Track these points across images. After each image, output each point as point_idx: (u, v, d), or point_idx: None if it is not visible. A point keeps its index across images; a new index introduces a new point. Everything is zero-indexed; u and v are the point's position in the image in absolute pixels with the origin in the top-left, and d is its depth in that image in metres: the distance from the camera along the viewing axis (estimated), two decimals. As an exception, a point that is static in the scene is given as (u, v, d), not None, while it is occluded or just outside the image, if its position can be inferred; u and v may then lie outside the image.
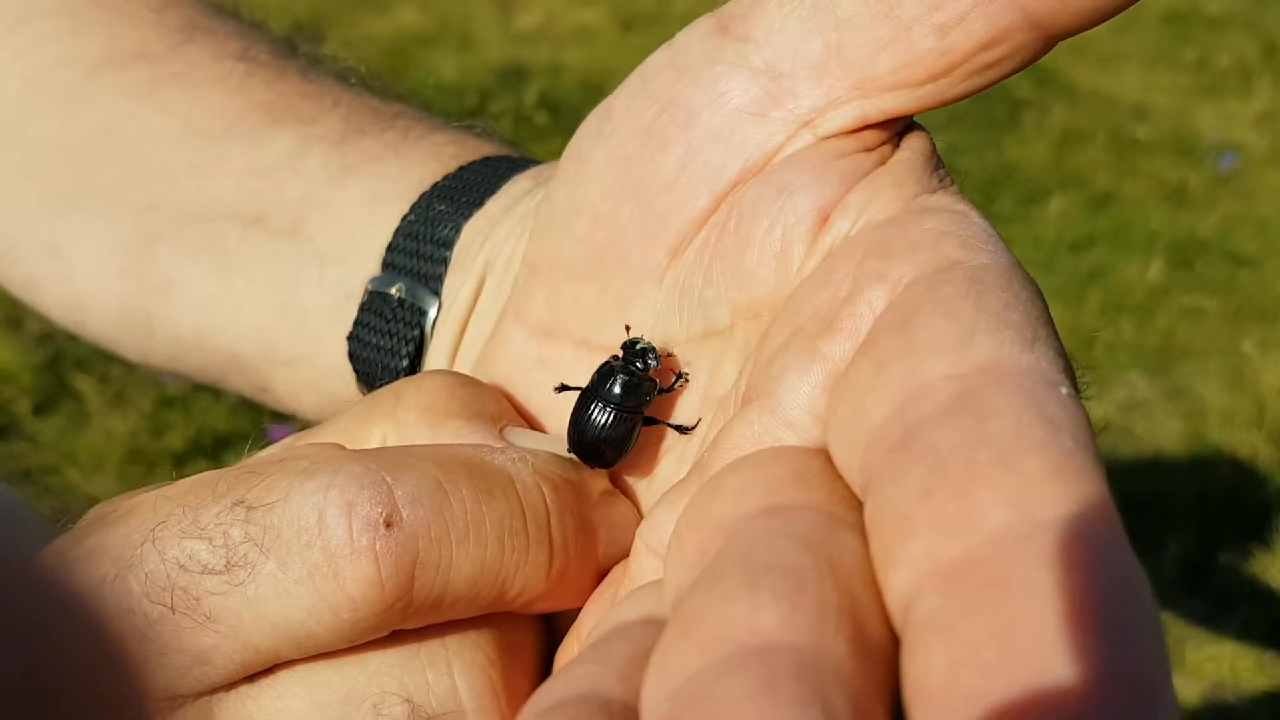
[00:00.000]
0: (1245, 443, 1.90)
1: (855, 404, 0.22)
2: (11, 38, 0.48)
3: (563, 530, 0.28)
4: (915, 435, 0.20)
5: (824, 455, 0.23)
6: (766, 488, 0.22)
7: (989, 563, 0.18)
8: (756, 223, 0.28)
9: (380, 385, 0.39)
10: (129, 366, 1.86)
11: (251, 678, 0.27)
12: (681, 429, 0.31)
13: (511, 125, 2.39)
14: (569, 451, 0.31)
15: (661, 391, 0.31)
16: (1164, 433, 1.90)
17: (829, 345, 0.25)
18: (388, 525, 0.26)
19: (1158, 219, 2.43)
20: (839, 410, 0.23)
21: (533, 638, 0.30)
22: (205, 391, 1.81)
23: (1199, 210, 2.47)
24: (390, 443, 0.30)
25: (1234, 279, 2.28)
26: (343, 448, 0.29)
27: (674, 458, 0.31)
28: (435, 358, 0.38)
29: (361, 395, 0.41)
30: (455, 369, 0.38)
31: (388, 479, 0.27)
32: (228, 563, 0.26)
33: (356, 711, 0.27)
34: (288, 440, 0.32)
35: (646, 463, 0.32)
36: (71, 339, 1.90)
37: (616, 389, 0.30)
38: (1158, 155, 2.64)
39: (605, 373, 0.31)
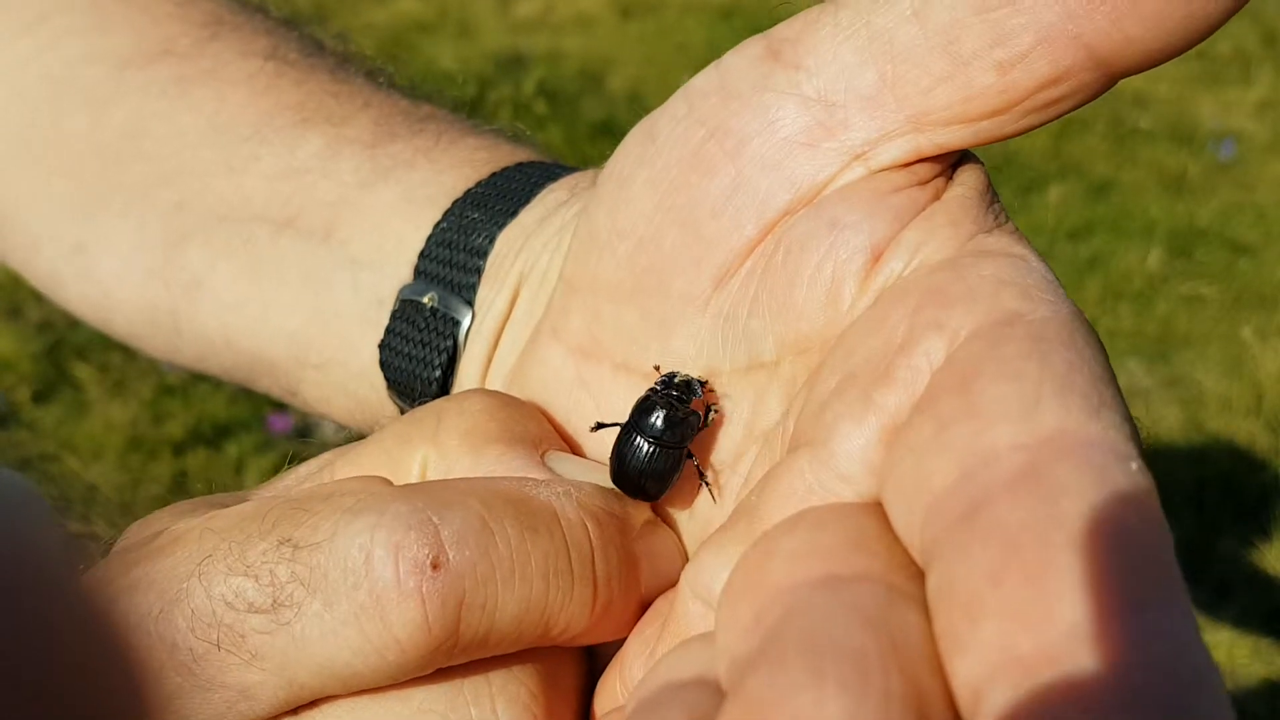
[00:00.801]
0: (1243, 430, 1.90)
1: (915, 466, 0.22)
2: (32, 33, 0.48)
3: (607, 565, 0.28)
4: (981, 509, 0.19)
5: (880, 514, 0.23)
6: (824, 553, 0.22)
7: (1066, 658, 0.17)
8: (806, 257, 0.28)
9: (413, 394, 0.39)
10: (129, 354, 1.86)
11: (295, 710, 0.27)
12: (707, 481, 0.30)
13: (510, 113, 2.39)
14: (611, 483, 0.31)
15: (703, 426, 0.30)
16: (1162, 420, 1.90)
17: (884, 396, 0.24)
18: (434, 567, 0.26)
19: (1157, 207, 2.43)
20: (897, 470, 0.22)
21: (574, 669, 0.30)
22: (205, 380, 1.81)
23: (1198, 198, 2.47)
24: (432, 466, 0.30)
25: (1233, 267, 2.27)
26: (387, 481, 0.29)
27: (717, 483, 0.31)
28: (468, 368, 0.38)
29: (392, 402, 0.41)
30: (488, 380, 0.37)
31: (434, 519, 0.26)
32: (274, 601, 0.26)
33: None
34: (328, 457, 0.32)
35: (688, 493, 0.31)
36: (72, 327, 1.90)
37: (659, 423, 0.30)
38: (1157, 143, 2.64)
39: (646, 407, 0.30)
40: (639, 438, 0.30)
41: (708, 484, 0.30)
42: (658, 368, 0.31)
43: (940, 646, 0.19)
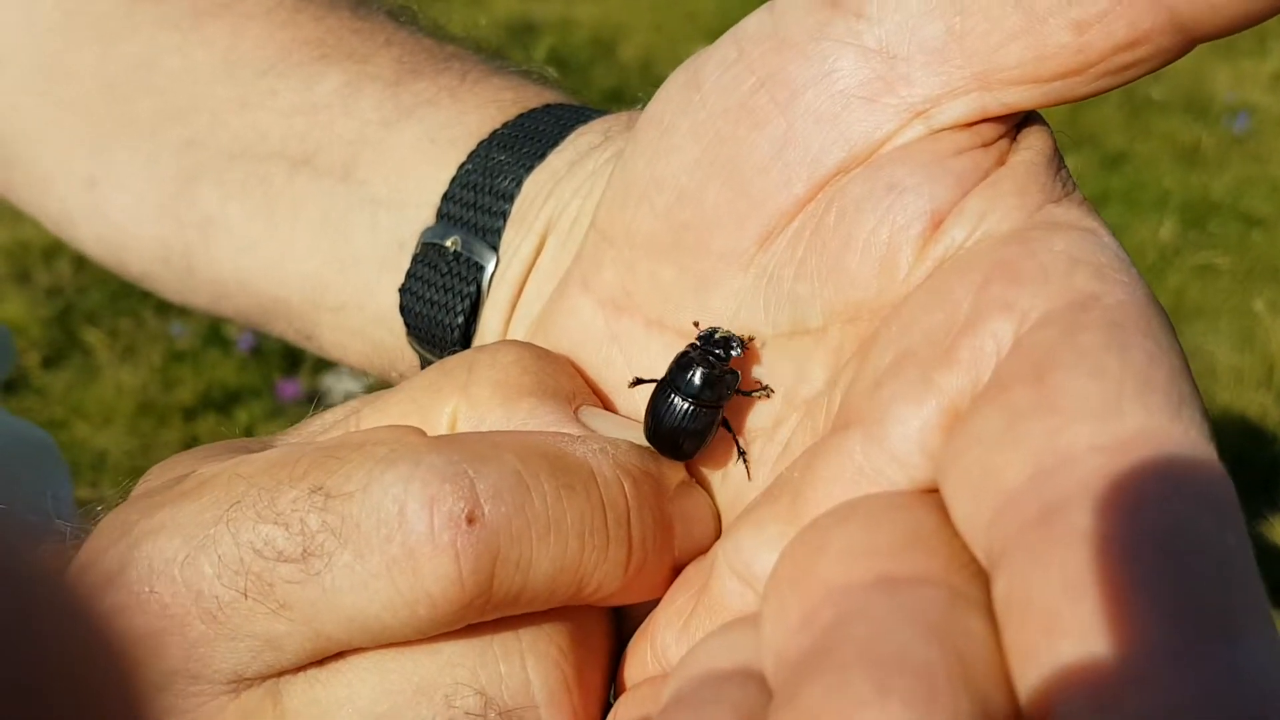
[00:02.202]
0: (1255, 403, 1.89)
1: (983, 458, 0.21)
2: None
3: (642, 526, 0.28)
4: (1058, 514, 0.19)
5: (937, 506, 0.22)
6: (880, 551, 0.21)
7: (1150, 685, 0.16)
8: (860, 221, 0.27)
9: (434, 340, 0.38)
10: (139, 320, 1.86)
11: (320, 661, 0.27)
12: (743, 451, 0.30)
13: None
14: (646, 441, 0.30)
15: (741, 393, 0.29)
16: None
17: (945, 377, 0.23)
18: (470, 521, 0.25)
19: (1171, 179, 2.41)
20: (962, 460, 0.21)
21: (604, 629, 0.29)
22: (214, 345, 1.81)
23: (1212, 170, 2.45)
24: (462, 417, 0.30)
25: (1246, 239, 2.26)
26: (420, 431, 0.28)
27: (752, 451, 0.30)
28: (491, 315, 0.37)
29: (412, 349, 0.40)
30: (512, 329, 0.37)
31: (470, 472, 0.26)
32: (304, 551, 0.25)
33: (428, 702, 0.26)
34: (354, 405, 0.31)
35: (723, 454, 0.31)
36: (80, 292, 1.90)
37: (697, 380, 0.29)
38: (1171, 115, 2.62)
39: (685, 364, 0.29)
40: (675, 395, 0.29)
41: (743, 453, 0.30)
42: (696, 324, 0.30)
43: (1009, 659, 0.18)
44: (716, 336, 0.29)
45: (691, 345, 0.29)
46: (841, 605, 0.20)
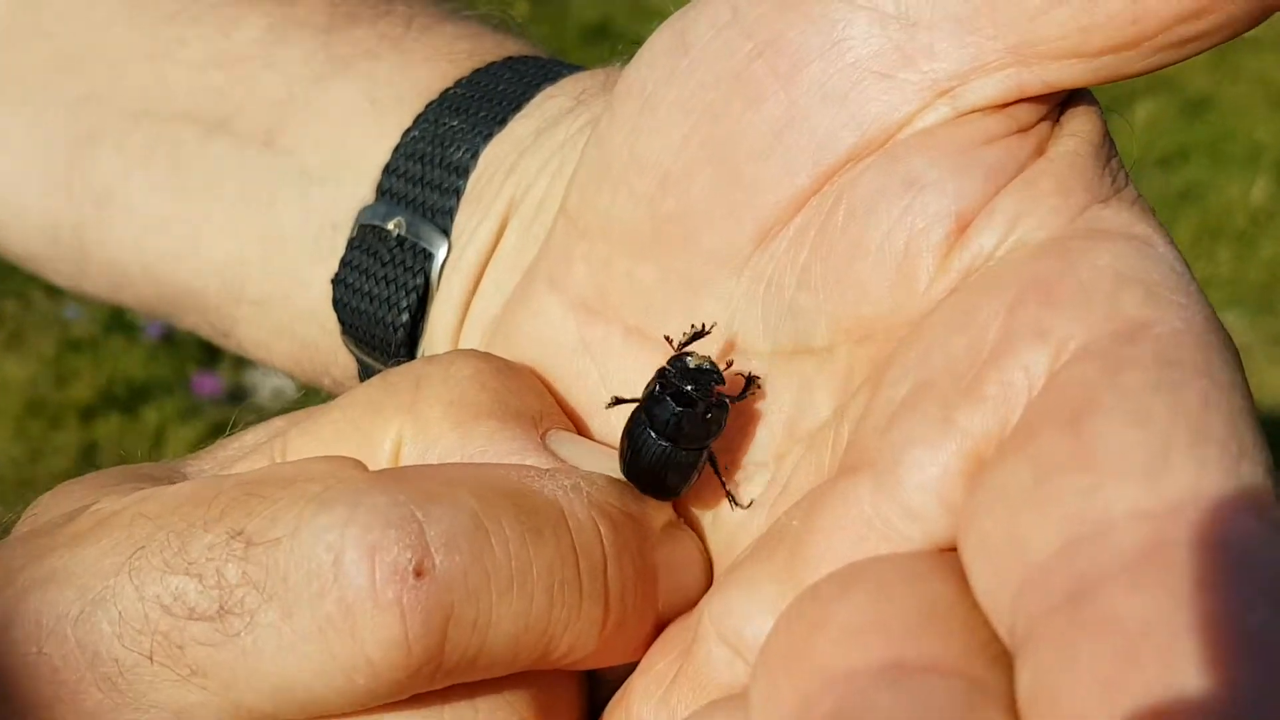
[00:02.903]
0: (1363, 399, 1.89)
1: (1008, 521, 0.21)
2: None
3: (621, 578, 0.28)
4: (1092, 595, 0.19)
5: (955, 571, 0.22)
6: (888, 630, 0.21)
7: None
8: (874, 221, 0.27)
9: (373, 341, 0.38)
10: (26, 301, 1.85)
11: None
12: (731, 495, 0.30)
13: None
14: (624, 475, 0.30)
15: (724, 407, 0.29)
16: (1267, 383, 1.90)
17: (969, 417, 0.23)
18: (418, 574, 0.25)
19: (1264, 129, 2.41)
20: (984, 520, 0.22)
21: (574, 696, 0.30)
22: (117, 332, 1.81)
23: (1314, 118, 2.46)
24: (408, 443, 0.30)
25: (1354, 202, 2.27)
26: (359, 464, 0.28)
27: (748, 489, 0.30)
28: (441, 313, 0.37)
29: (348, 350, 0.40)
30: (466, 331, 0.37)
31: (418, 515, 0.26)
32: (221, 607, 0.25)
33: None
34: (278, 424, 0.31)
35: (715, 490, 0.31)
36: (-44, 269, 1.89)
37: (672, 422, 0.29)
38: (1264, 53, 2.61)
39: (657, 398, 0.29)
40: (651, 432, 0.29)
41: (731, 497, 0.30)
42: (669, 338, 0.30)
43: None
44: (690, 367, 0.29)
45: (663, 372, 0.29)
46: (842, 696, 0.20)
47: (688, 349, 0.29)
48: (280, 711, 0.26)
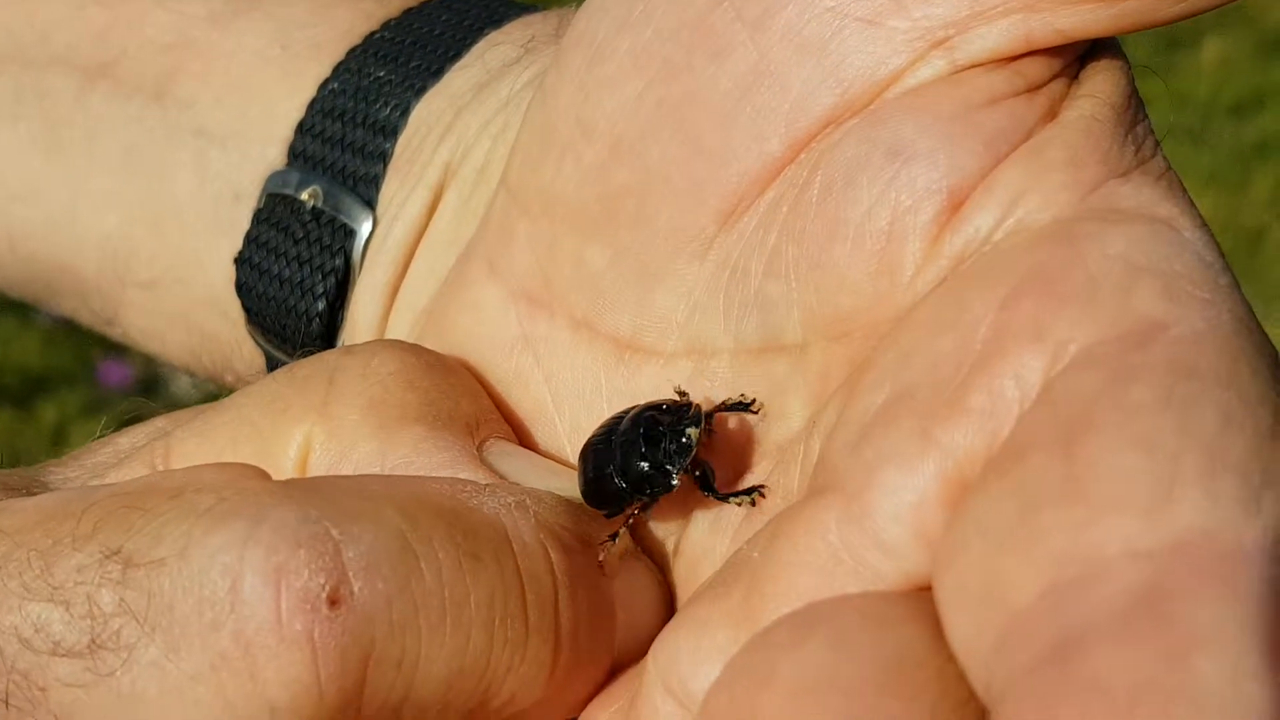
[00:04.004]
0: None
1: (987, 559, 0.21)
2: None
3: (573, 612, 0.28)
4: (1078, 653, 0.19)
5: (928, 618, 0.22)
6: (845, 687, 0.21)
7: None
8: (853, 196, 0.27)
9: (283, 332, 0.39)
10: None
11: None
12: (713, 492, 0.30)
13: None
14: (582, 495, 0.30)
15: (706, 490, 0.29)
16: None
17: (950, 432, 0.23)
18: (332, 603, 0.25)
19: (1355, 70, 2.42)
20: (961, 557, 0.22)
21: None
22: (8, 314, 1.80)
23: None
24: (318, 450, 0.29)
25: None
26: (262, 474, 0.28)
27: (708, 515, 0.30)
28: (364, 301, 0.37)
29: (254, 341, 0.40)
30: (393, 322, 0.37)
31: (334, 533, 0.25)
32: (92, 641, 0.25)
33: None
34: (161, 424, 0.31)
35: (677, 509, 0.31)
36: None
37: (641, 468, 0.29)
38: (1356, -21, 2.63)
39: (630, 442, 0.29)
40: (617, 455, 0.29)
41: (731, 496, 0.30)
42: (681, 392, 0.30)
43: None
44: (681, 420, 0.29)
45: (652, 416, 0.29)
46: None
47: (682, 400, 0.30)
48: None
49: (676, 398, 0.30)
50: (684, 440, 0.29)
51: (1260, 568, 0.19)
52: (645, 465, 0.29)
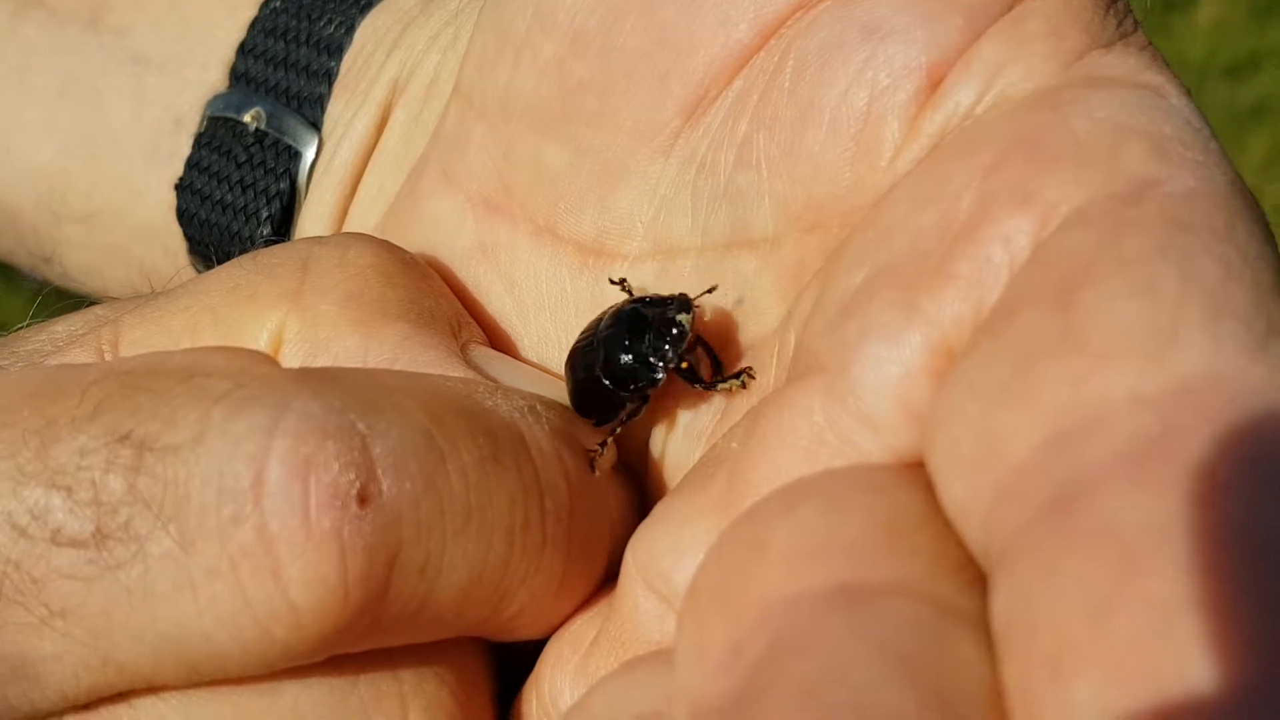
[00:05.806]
0: None
1: (982, 420, 0.20)
2: None
3: (587, 524, 0.27)
4: (1082, 499, 0.18)
5: (922, 485, 0.22)
6: (840, 549, 0.20)
7: None
8: (827, 78, 0.27)
9: (228, 260, 0.37)
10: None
11: (89, 705, 0.25)
12: (700, 382, 0.29)
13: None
14: (570, 402, 0.30)
15: (691, 380, 0.29)
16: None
17: (937, 302, 0.23)
18: (362, 501, 0.24)
19: (1350, 32, 2.42)
20: (953, 420, 0.21)
21: (488, 672, 0.29)
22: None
23: None
24: (292, 340, 0.28)
25: None
26: (272, 360, 0.27)
27: (680, 423, 0.30)
28: (310, 223, 0.37)
29: (195, 270, 0.39)
30: None
31: (361, 427, 0.24)
32: (98, 529, 0.24)
33: None
34: (102, 312, 0.29)
35: (657, 411, 0.30)
36: None
37: (626, 364, 0.28)
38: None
39: (615, 337, 0.29)
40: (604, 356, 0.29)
41: (732, 376, 0.29)
42: (617, 282, 0.29)
43: (1008, 703, 0.18)
44: (673, 317, 0.28)
45: (627, 303, 0.29)
46: (782, 630, 0.19)
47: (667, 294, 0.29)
48: (160, 669, 0.25)
49: (657, 293, 0.29)
50: (677, 330, 0.28)
51: (1267, 407, 0.18)
52: (631, 358, 0.28)
